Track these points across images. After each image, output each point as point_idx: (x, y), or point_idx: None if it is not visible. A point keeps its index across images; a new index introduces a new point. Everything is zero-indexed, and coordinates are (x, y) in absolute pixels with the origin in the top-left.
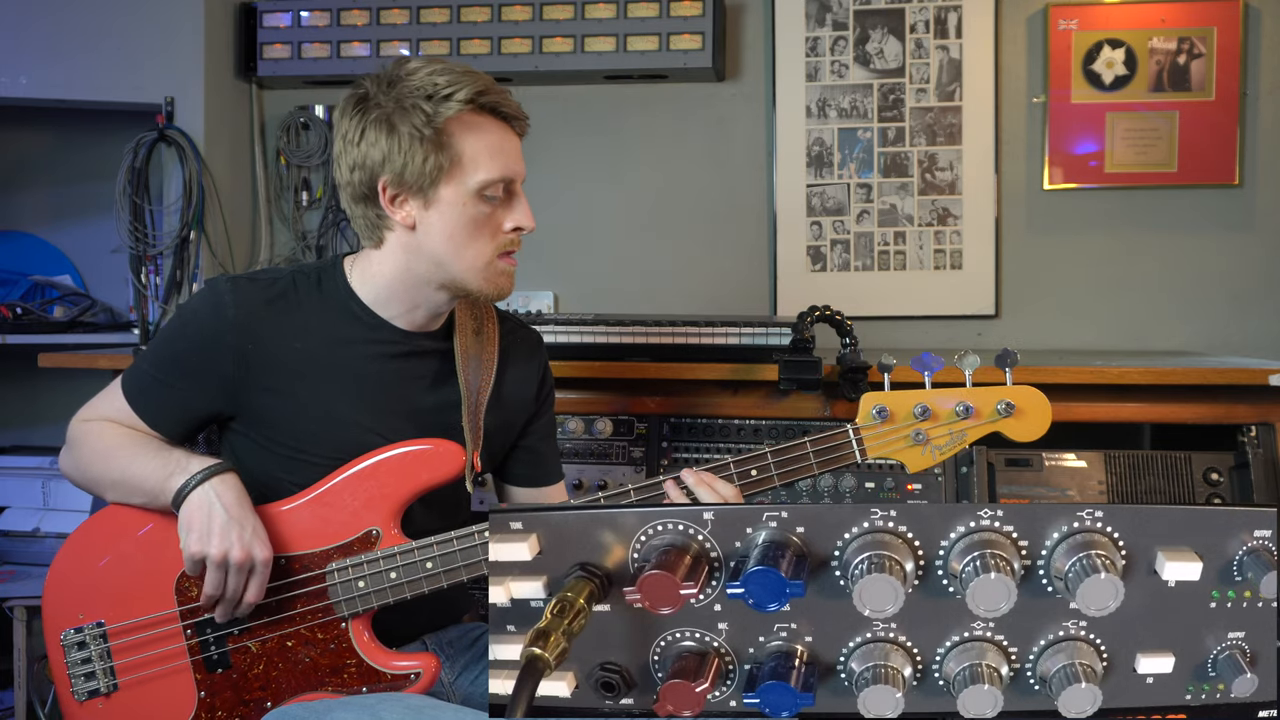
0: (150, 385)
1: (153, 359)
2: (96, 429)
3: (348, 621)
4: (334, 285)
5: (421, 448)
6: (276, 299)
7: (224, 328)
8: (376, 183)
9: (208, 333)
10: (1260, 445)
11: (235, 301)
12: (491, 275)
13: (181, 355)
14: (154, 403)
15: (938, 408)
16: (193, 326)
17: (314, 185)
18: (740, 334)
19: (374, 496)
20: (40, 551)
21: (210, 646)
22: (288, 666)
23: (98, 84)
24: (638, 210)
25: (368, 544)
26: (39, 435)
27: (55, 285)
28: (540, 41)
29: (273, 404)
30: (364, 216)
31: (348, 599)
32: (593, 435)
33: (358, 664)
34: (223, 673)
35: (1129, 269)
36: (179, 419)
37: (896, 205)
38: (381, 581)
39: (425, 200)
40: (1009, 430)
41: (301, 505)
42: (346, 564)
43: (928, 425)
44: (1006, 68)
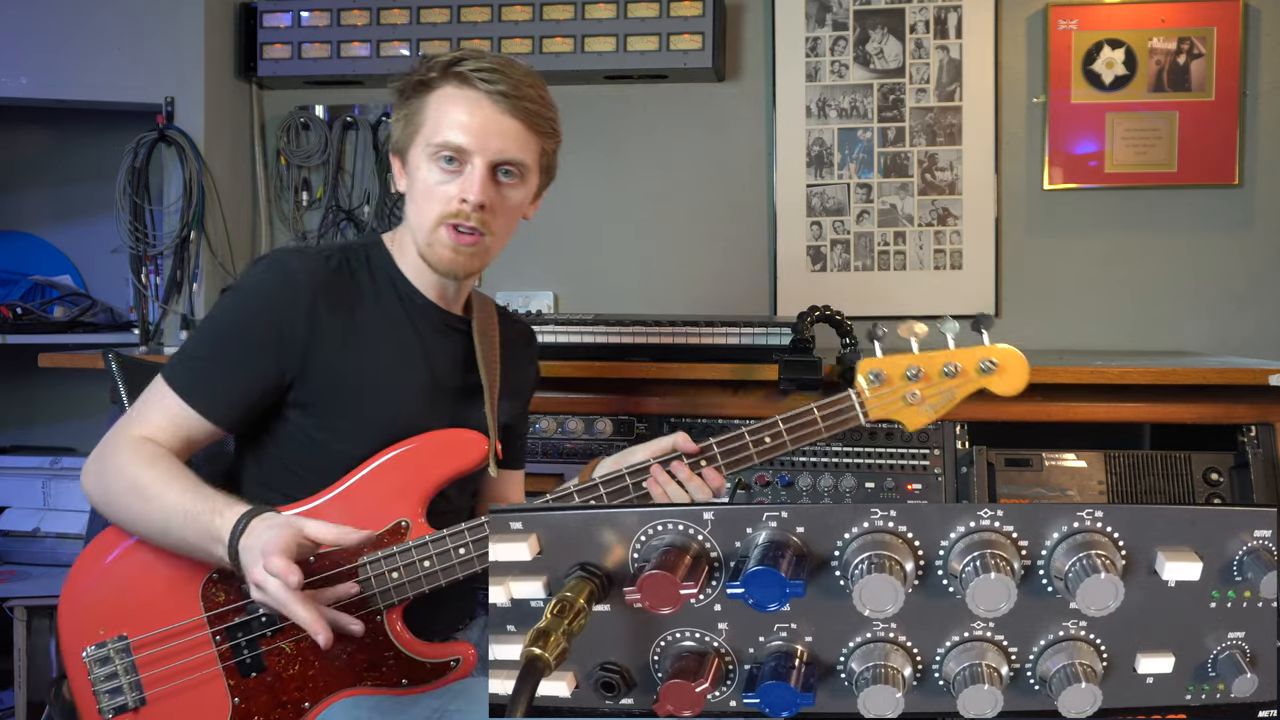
0: (209, 371)
1: (209, 343)
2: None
3: (383, 614)
4: (381, 260)
5: (446, 438)
6: (337, 270)
7: (298, 291)
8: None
9: (280, 299)
10: (1260, 445)
11: (304, 267)
12: (433, 243)
13: (249, 329)
14: (214, 388)
15: (928, 368)
16: (260, 296)
17: (314, 185)
18: (740, 334)
19: (401, 488)
20: (40, 551)
21: (243, 650)
22: (324, 664)
23: (98, 84)
24: (638, 210)
25: (398, 535)
26: (39, 435)
27: (55, 285)
28: (540, 41)
29: (334, 368)
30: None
31: (382, 591)
32: (593, 435)
33: (395, 656)
34: (257, 676)
35: (1129, 269)
36: (239, 402)
37: (896, 205)
38: (415, 571)
39: (405, 163)
40: (993, 385)
41: (328, 502)
42: (379, 556)
43: (920, 385)
44: (1006, 68)
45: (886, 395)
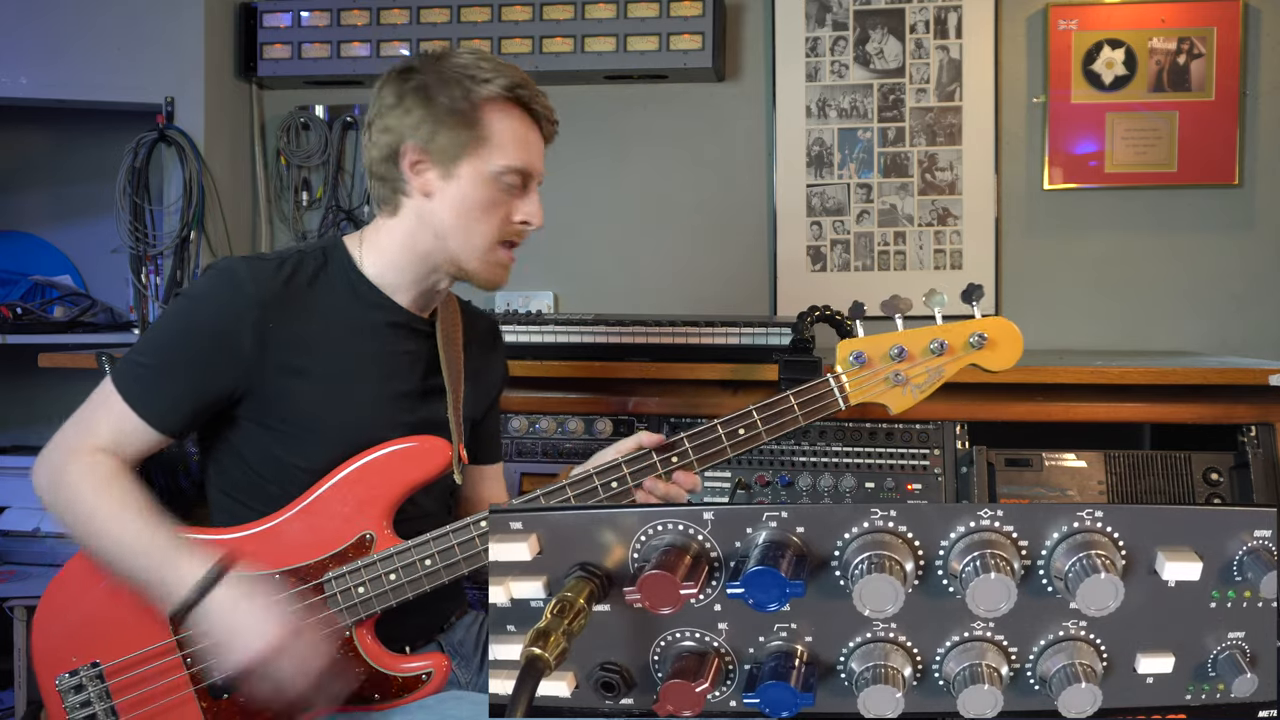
0: (154, 379)
1: (155, 350)
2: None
3: (351, 629)
4: (340, 263)
5: (407, 446)
6: (290, 278)
7: (243, 305)
8: (401, 146)
9: (226, 311)
10: (1260, 445)
11: (252, 278)
12: (490, 261)
13: (194, 338)
14: (159, 397)
15: (913, 347)
16: (207, 307)
17: (314, 185)
18: (740, 334)
19: (363, 500)
20: (40, 552)
21: (213, 672)
22: None
23: (98, 84)
24: (638, 210)
25: (362, 549)
26: (39, 435)
27: (55, 285)
28: (540, 41)
29: (287, 383)
30: (383, 181)
31: (349, 606)
32: (593, 435)
33: (366, 671)
34: (228, 698)
35: (1129, 269)
36: (186, 410)
37: (896, 205)
38: (382, 585)
39: (445, 172)
40: (984, 361)
41: (291, 517)
42: (344, 571)
43: (905, 365)
44: (1006, 68)
45: (868, 378)
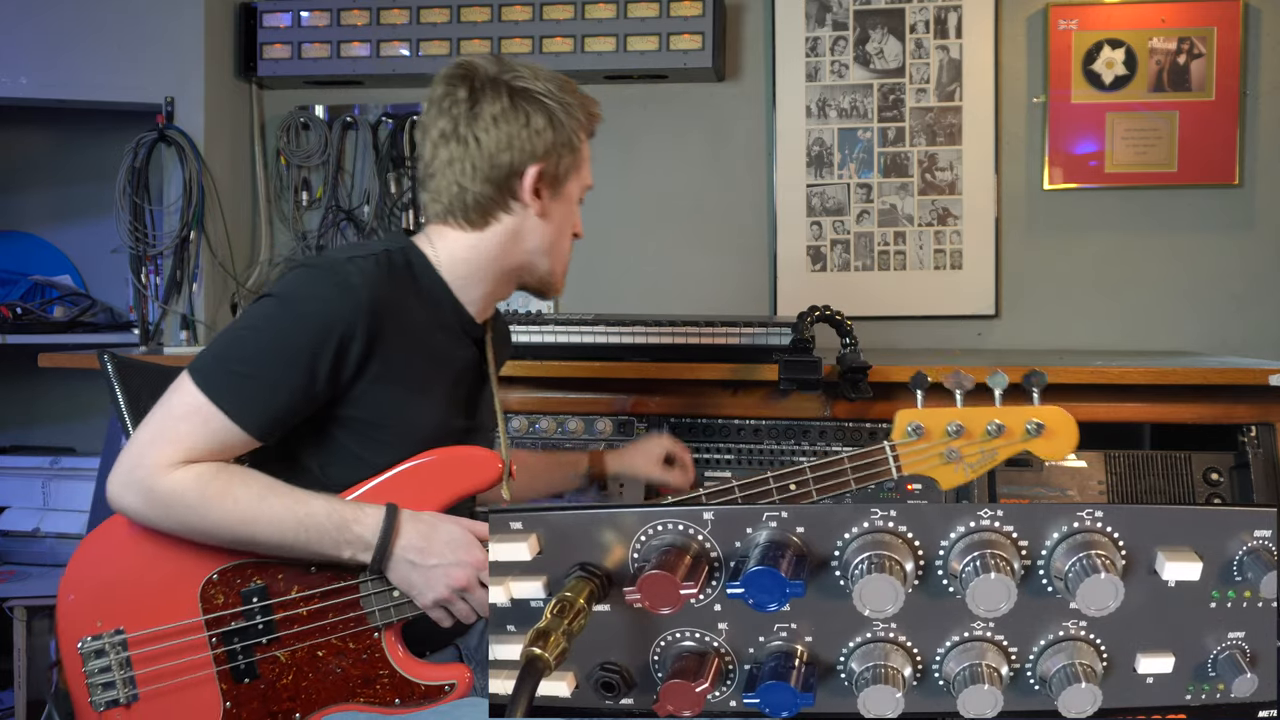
0: (257, 390)
1: (256, 357)
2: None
3: (380, 632)
4: (422, 267)
5: (461, 455)
6: (391, 279)
7: (353, 308)
8: (526, 167)
9: (336, 315)
10: (1260, 445)
11: (364, 282)
12: (563, 271)
13: (302, 344)
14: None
15: (971, 426)
16: (316, 310)
17: (314, 185)
18: (740, 334)
19: (412, 502)
20: (40, 552)
21: (237, 656)
22: (318, 677)
23: (98, 84)
24: (638, 210)
25: None
26: (39, 435)
27: (55, 285)
28: (540, 41)
29: (386, 388)
30: (484, 195)
31: (382, 609)
32: (593, 435)
33: (390, 675)
34: (250, 683)
35: (1129, 269)
36: (292, 420)
37: (896, 205)
38: None
39: (555, 193)
40: (1037, 449)
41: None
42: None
43: (961, 443)
44: (1006, 68)
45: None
